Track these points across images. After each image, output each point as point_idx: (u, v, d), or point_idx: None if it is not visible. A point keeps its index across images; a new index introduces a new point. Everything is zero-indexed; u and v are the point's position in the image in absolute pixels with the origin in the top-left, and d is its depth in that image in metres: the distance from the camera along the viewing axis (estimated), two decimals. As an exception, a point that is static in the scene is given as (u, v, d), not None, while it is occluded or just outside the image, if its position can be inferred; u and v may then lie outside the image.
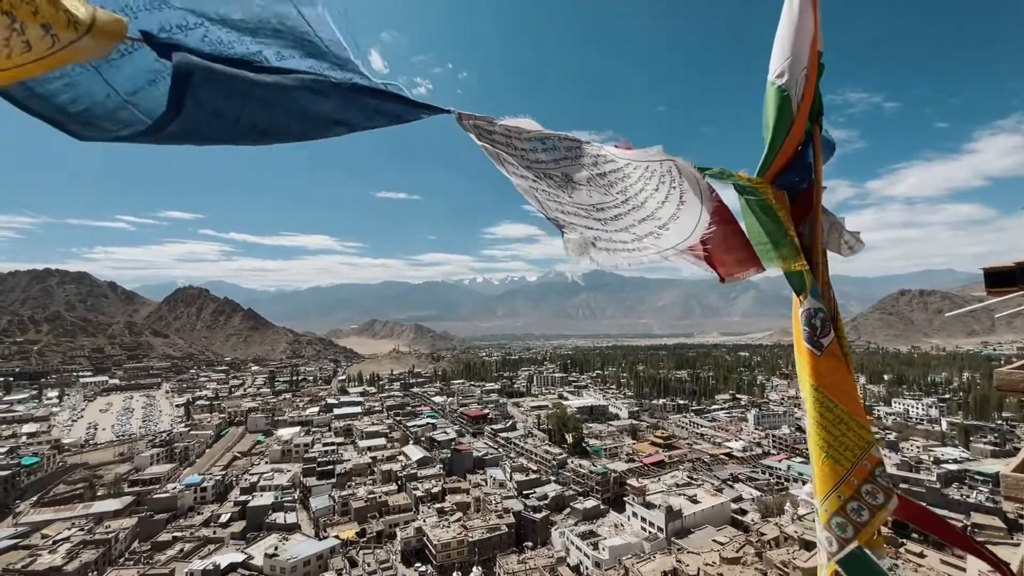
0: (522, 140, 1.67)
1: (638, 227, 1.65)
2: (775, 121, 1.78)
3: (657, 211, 1.63)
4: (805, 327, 1.85)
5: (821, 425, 1.71)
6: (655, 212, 1.63)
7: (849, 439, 1.68)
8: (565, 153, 1.70)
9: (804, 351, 1.84)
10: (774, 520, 40.71)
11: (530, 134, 1.66)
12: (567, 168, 1.70)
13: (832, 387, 1.73)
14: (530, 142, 1.68)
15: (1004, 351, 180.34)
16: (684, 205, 1.60)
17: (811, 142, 1.93)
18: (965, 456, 60.02)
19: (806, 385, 1.80)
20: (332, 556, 39.60)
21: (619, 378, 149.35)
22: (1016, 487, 2.85)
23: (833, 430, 1.71)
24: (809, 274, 1.84)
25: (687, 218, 1.60)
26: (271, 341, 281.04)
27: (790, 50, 1.76)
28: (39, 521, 48.26)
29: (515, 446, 72.11)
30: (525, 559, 38.50)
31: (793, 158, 1.86)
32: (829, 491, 1.70)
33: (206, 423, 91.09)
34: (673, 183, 1.62)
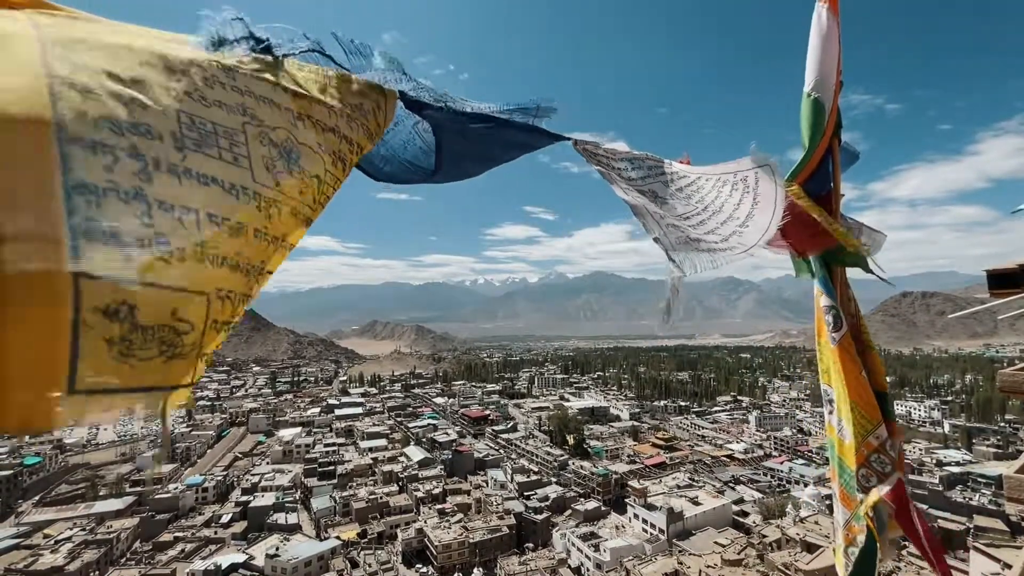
0: (617, 160, 1.82)
1: (721, 228, 1.74)
2: (811, 130, 1.99)
3: (735, 212, 1.73)
4: (826, 323, 2.06)
5: (842, 401, 1.95)
6: (733, 213, 1.73)
7: (855, 418, 1.89)
8: (648, 172, 1.83)
9: (827, 344, 2.05)
10: (776, 522, 40.57)
11: (621, 155, 1.81)
12: (652, 185, 1.83)
13: (844, 376, 1.94)
14: (622, 162, 1.82)
15: (1007, 353, 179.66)
16: (758, 204, 1.70)
17: (830, 153, 2.10)
18: (968, 459, 59.85)
19: (836, 376, 1.99)
20: (333, 557, 39.60)
21: (620, 380, 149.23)
22: (1019, 488, 2.86)
23: (844, 408, 1.94)
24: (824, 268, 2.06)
25: (762, 216, 1.69)
26: (272, 342, 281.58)
27: (824, 66, 1.98)
28: (41, 521, 48.36)
29: (516, 447, 72.08)
30: (526, 560, 38.46)
31: (817, 167, 2.03)
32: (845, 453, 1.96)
33: (207, 423, 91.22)
34: (746, 188, 1.72)
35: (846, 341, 1.97)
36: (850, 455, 1.93)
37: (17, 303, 0.72)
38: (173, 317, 0.93)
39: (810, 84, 2.01)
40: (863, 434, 1.87)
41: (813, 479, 53.21)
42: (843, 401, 1.95)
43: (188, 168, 0.92)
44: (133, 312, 0.85)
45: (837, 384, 1.97)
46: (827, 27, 2.03)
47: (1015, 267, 2.67)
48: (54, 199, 0.75)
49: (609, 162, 1.82)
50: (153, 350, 0.91)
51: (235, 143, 1.01)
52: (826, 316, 2.05)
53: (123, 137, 0.85)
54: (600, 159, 1.81)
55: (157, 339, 0.91)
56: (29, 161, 0.74)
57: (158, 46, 0.99)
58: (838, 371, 1.96)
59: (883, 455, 1.87)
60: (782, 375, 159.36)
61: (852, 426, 1.90)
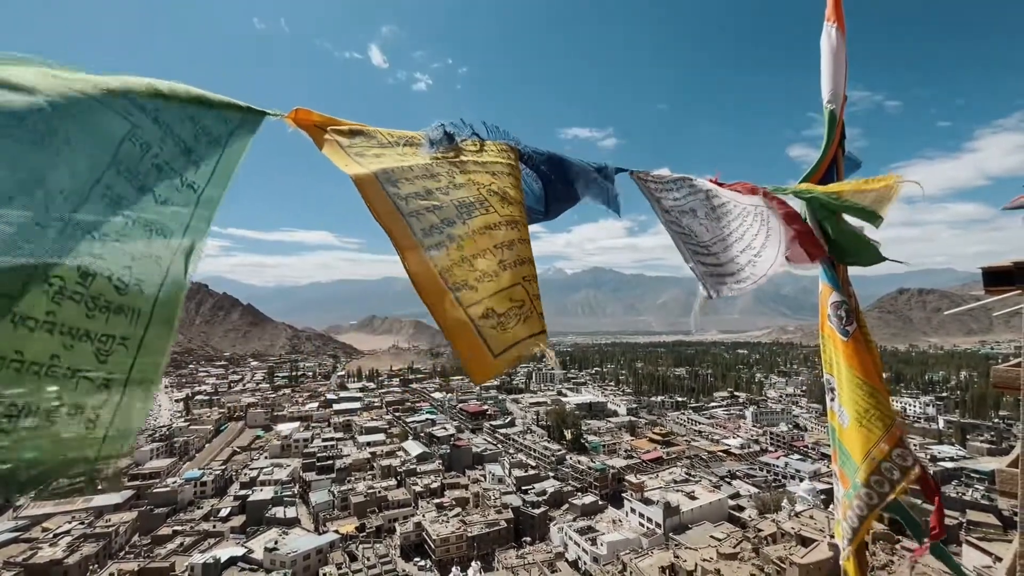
0: (664, 185, 2.01)
1: (740, 257, 1.93)
2: (826, 137, 2.23)
3: (752, 242, 1.92)
4: (833, 317, 2.16)
5: (852, 399, 2.02)
6: (751, 243, 1.92)
7: (879, 411, 1.99)
8: (689, 190, 2.01)
9: (834, 338, 2.15)
10: (771, 517, 40.86)
11: (667, 180, 2.01)
12: (692, 203, 2.01)
13: (860, 367, 2.04)
14: (668, 185, 2.01)
15: (1002, 350, 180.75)
16: (770, 238, 1.91)
17: (835, 162, 2.33)
18: (961, 454, 60.32)
19: (841, 367, 2.09)
20: (332, 550, 39.81)
21: (618, 375, 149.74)
22: (1010, 482, 2.92)
23: (863, 403, 2.01)
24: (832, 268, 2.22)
25: (771, 249, 1.91)
26: (270, 337, 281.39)
27: (836, 79, 2.24)
28: (39, 515, 48.43)
29: (514, 442, 72.37)
30: (523, 554, 38.73)
31: (825, 173, 2.24)
32: (865, 455, 1.99)
33: (205, 418, 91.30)
34: (763, 221, 1.92)
35: (859, 334, 2.10)
36: (849, 440, 2.06)
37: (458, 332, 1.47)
38: (512, 302, 1.64)
39: (827, 96, 2.25)
40: (883, 425, 2.00)
41: (809, 474, 53.59)
42: (845, 391, 2.06)
43: (473, 229, 1.58)
44: (493, 310, 1.56)
45: (844, 374, 2.08)
46: (836, 44, 2.27)
47: (1010, 265, 2.71)
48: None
49: (657, 190, 1.99)
50: (513, 321, 1.63)
51: (480, 204, 1.65)
52: (838, 312, 2.17)
53: (443, 227, 1.50)
54: (650, 187, 1.99)
55: (511, 315, 1.63)
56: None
57: (419, 159, 1.59)
58: (848, 363, 2.06)
59: (904, 449, 2.01)
60: (779, 371, 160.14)
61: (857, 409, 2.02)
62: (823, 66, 2.30)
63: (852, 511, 2.05)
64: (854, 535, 2.03)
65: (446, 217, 1.52)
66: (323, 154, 1.48)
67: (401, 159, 1.54)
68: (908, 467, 1.98)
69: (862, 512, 2.03)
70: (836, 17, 2.34)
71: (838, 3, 2.36)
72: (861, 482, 2.03)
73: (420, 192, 1.49)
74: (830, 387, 2.22)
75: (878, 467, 1.99)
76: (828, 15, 2.35)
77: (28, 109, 0.87)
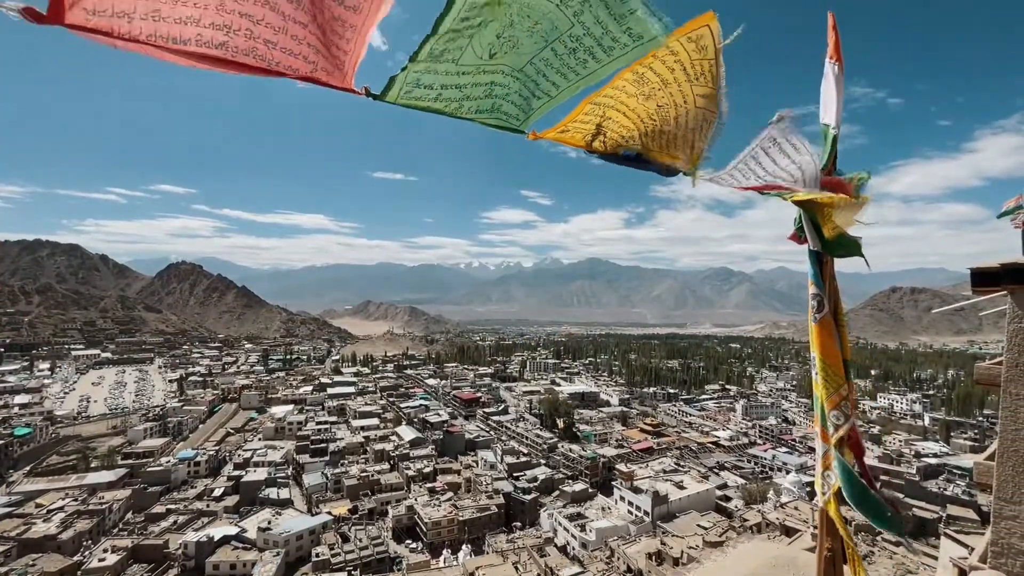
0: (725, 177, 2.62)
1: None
2: (826, 155, 2.70)
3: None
4: (809, 306, 2.72)
5: (819, 368, 2.69)
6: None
7: (830, 379, 2.64)
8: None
9: (810, 323, 2.75)
10: (757, 507, 41.74)
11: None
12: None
13: (820, 347, 2.68)
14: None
15: (990, 350, 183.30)
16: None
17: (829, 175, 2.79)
18: (945, 451, 61.54)
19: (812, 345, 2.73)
20: (324, 531, 40.35)
21: (611, 366, 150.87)
22: (987, 474, 3.05)
23: (822, 372, 2.67)
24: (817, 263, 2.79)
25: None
26: (265, 319, 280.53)
27: (839, 108, 2.73)
28: (33, 491, 48.66)
29: (507, 429, 73.08)
30: (514, 539, 39.40)
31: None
32: (824, 401, 2.67)
33: (199, 399, 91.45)
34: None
35: (826, 321, 2.67)
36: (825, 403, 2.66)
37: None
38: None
39: (831, 121, 2.74)
40: (834, 388, 2.64)
41: (795, 467, 54.57)
42: (818, 364, 2.67)
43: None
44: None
45: (816, 352, 2.70)
46: (837, 77, 2.75)
47: (997, 266, 2.81)
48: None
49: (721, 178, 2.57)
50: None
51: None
52: (812, 301, 2.70)
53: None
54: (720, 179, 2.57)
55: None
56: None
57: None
58: (817, 343, 2.66)
59: (846, 405, 2.63)
60: (770, 365, 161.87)
61: (824, 382, 2.66)
62: (825, 96, 2.78)
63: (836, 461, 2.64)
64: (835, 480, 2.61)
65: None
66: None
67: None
68: (840, 425, 2.62)
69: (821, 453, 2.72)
70: (836, 56, 2.78)
71: (838, 44, 2.79)
72: (827, 415, 2.67)
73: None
74: (813, 363, 2.77)
75: (833, 409, 2.64)
76: (830, 54, 2.78)
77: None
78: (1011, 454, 2.91)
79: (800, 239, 2.83)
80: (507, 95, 2.00)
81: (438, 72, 1.79)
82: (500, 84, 1.95)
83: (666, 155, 2.39)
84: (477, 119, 2.00)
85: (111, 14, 1.25)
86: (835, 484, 2.59)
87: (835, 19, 2.78)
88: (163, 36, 1.35)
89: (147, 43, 1.34)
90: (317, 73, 1.63)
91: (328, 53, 1.65)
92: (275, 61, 1.56)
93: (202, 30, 1.40)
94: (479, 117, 2.00)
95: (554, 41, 1.87)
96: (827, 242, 2.69)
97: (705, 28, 2.07)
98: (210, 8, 1.37)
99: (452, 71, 1.82)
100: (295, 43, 1.56)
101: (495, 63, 1.88)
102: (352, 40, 1.67)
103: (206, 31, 1.41)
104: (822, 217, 2.66)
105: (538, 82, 2.00)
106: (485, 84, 1.93)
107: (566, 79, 2.00)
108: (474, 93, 1.93)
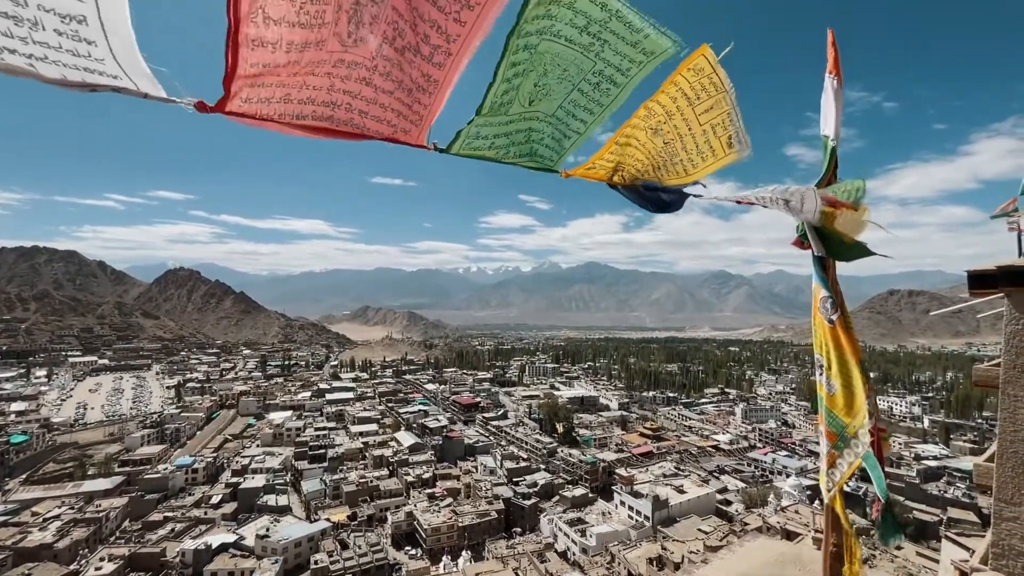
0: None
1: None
2: (825, 165, 2.82)
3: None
4: (822, 309, 2.71)
5: (843, 371, 2.55)
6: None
7: (856, 379, 2.51)
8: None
9: (822, 324, 2.69)
10: (757, 511, 41.62)
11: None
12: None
13: (842, 346, 2.57)
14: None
15: (988, 352, 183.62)
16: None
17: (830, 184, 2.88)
18: (945, 453, 61.51)
19: (829, 347, 2.63)
20: (323, 538, 40.06)
21: (610, 370, 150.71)
22: (987, 475, 3.07)
23: (846, 372, 2.54)
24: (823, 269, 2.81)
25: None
26: (263, 325, 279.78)
27: (838, 121, 2.82)
28: (29, 499, 48.30)
29: (506, 434, 72.86)
30: (514, 544, 39.19)
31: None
32: (856, 414, 2.53)
33: (197, 405, 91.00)
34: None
35: (841, 321, 2.61)
36: (836, 404, 2.59)
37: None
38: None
39: (830, 134, 2.82)
40: (866, 382, 2.51)
41: (795, 470, 54.46)
42: (834, 365, 2.60)
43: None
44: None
45: (832, 353, 2.62)
46: (836, 91, 2.84)
47: (993, 268, 2.84)
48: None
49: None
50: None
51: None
52: (824, 305, 2.68)
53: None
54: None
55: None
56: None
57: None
58: (836, 344, 2.59)
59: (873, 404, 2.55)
60: (769, 369, 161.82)
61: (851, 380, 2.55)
62: (826, 109, 2.86)
63: (840, 458, 2.59)
64: (840, 477, 2.57)
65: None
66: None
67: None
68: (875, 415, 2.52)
69: (851, 458, 2.55)
70: (836, 71, 2.86)
71: (837, 60, 2.87)
72: (851, 435, 2.56)
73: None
74: (820, 364, 2.72)
75: (865, 422, 2.49)
76: (829, 69, 2.86)
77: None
78: (1010, 455, 2.92)
79: (803, 245, 2.88)
80: (542, 139, 2.29)
81: (492, 124, 2.07)
82: (536, 130, 2.24)
83: (676, 178, 2.68)
84: (518, 163, 2.31)
85: (257, 101, 1.55)
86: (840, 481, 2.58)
87: (834, 36, 2.86)
88: (289, 114, 1.67)
89: (277, 120, 1.65)
90: (397, 134, 1.93)
91: (409, 112, 1.90)
92: (366, 128, 1.85)
93: (316, 107, 1.72)
94: (520, 161, 2.30)
95: (580, 82, 2.16)
96: (832, 247, 2.73)
97: (701, 57, 2.32)
98: (322, 89, 1.69)
99: (503, 121, 2.10)
100: (382, 111, 1.85)
101: (533, 110, 2.15)
102: (434, 95, 1.89)
103: (319, 108, 1.73)
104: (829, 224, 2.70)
105: (568, 123, 2.29)
106: (525, 130, 2.21)
107: (592, 113, 2.27)
108: (517, 139, 2.22)
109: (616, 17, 1.98)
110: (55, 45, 1.23)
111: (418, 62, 1.79)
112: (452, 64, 1.82)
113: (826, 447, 2.71)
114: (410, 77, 1.82)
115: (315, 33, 1.53)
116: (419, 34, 1.72)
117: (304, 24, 1.49)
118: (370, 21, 1.62)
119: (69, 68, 1.27)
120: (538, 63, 2.00)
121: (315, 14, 1.49)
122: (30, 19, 1.18)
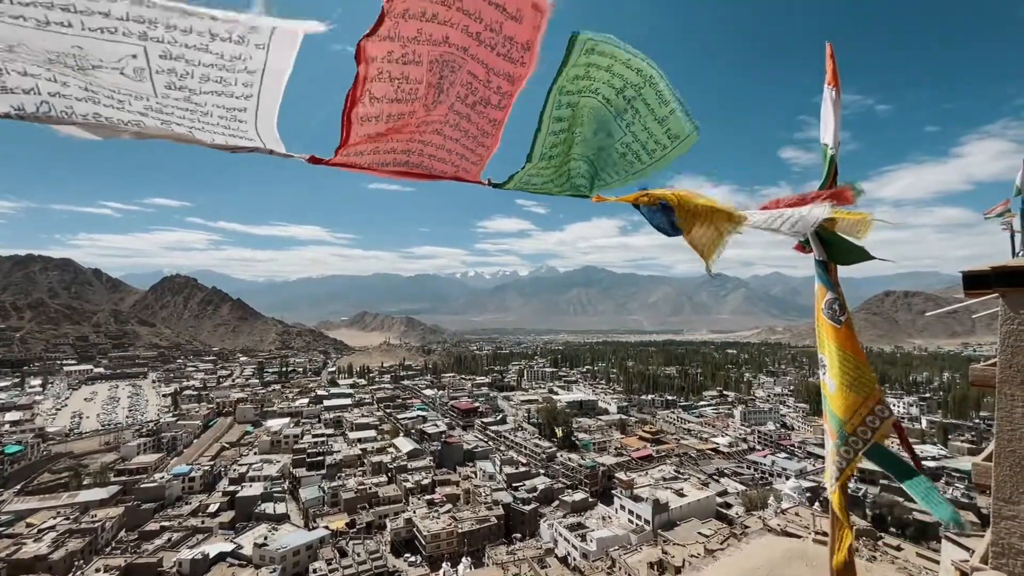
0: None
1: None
2: (825, 173, 2.84)
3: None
4: (827, 310, 2.71)
5: (844, 371, 2.57)
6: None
7: (864, 379, 2.54)
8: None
9: (827, 326, 2.68)
10: (758, 513, 41.57)
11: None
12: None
13: (850, 347, 2.59)
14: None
15: (984, 352, 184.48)
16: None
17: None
18: (943, 454, 61.61)
19: (832, 348, 2.64)
20: (322, 546, 39.77)
21: (609, 373, 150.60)
22: (985, 475, 3.10)
23: (852, 373, 2.56)
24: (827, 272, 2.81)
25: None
26: (260, 332, 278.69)
27: (835, 128, 2.86)
28: (24, 510, 47.75)
29: (505, 439, 72.62)
30: (514, 550, 38.95)
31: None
32: (853, 412, 2.55)
33: (194, 413, 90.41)
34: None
35: (848, 322, 2.64)
36: (835, 402, 2.62)
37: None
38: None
39: (829, 142, 2.86)
40: (871, 383, 2.54)
41: (795, 472, 54.44)
42: (835, 366, 2.62)
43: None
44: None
45: (836, 354, 2.64)
46: (834, 101, 2.87)
47: (987, 269, 2.88)
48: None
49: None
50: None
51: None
52: (831, 307, 2.70)
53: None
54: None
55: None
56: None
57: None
58: (840, 345, 2.62)
59: (882, 406, 2.56)
60: (767, 371, 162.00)
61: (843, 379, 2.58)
62: (825, 118, 2.91)
63: (839, 456, 2.60)
64: (840, 473, 2.58)
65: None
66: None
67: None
68: (885, 418, 2.54)
69: (849, 455, 2.59)
70: (834, 82, 2.90)
71: (835, 71, 2.91)
72: (848, 432, 2.60)
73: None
74: (823, 364, 2.74)
75: (863, 420, 2.54)
76: (828, 79, 2.90)
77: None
78: (1008, 454, 2.95)
79: (804, 249, 2.91)
80: (580, 174, 2.61)
81: (542, 172, 2.41)
82: (575, 168, 2.56)
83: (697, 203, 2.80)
84: (554, 192, 2.58)
85: (354, 154, 1.88)
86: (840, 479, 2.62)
87: (832, 49, 2.94)
88: (376, 163, 2.00)
89: (366, 168, 1.97)
90: (460, 173, 2.25)
91: (472, 155, 2.21)
92: (433, 169, 2.17)
93: (396, 155, 2.04)
94: (556, 191, 2.58)
95: (609, 147, 2.51)
96: (834, 252, 2.76)
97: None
98: (402, 141, 2.00)
99: (552, 166, 2.43)
100: (448, 154, 2.16)
101: (572, 153, 2.48)
102: (493, 135, 2.17)
103: (399, 155, 2.05)
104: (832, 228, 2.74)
105: (600, 166, 2.62)
106: (566, 170, 2.54)
107: (618, 176, 2.62)
108: (561, 180, 2.55)
109: (650, 84, 2.27)
110: (214, 124, 1.59)
111: (488, 111, 2.06)
112: (510, 103, 2.08)
113: (829, 445, 2.77)
114: (477, 126, 2.10)
115: (408, 106, 1.84)
116: (491, 88, 1.97)
117: (400, 99, 1.80)
118: (448, 87, 1.90)
119: (219, 136, 1.63)
120: (577, 118, 2.31)
121: (409, 91, 1.80)
122: (203, 108, 1.54)
